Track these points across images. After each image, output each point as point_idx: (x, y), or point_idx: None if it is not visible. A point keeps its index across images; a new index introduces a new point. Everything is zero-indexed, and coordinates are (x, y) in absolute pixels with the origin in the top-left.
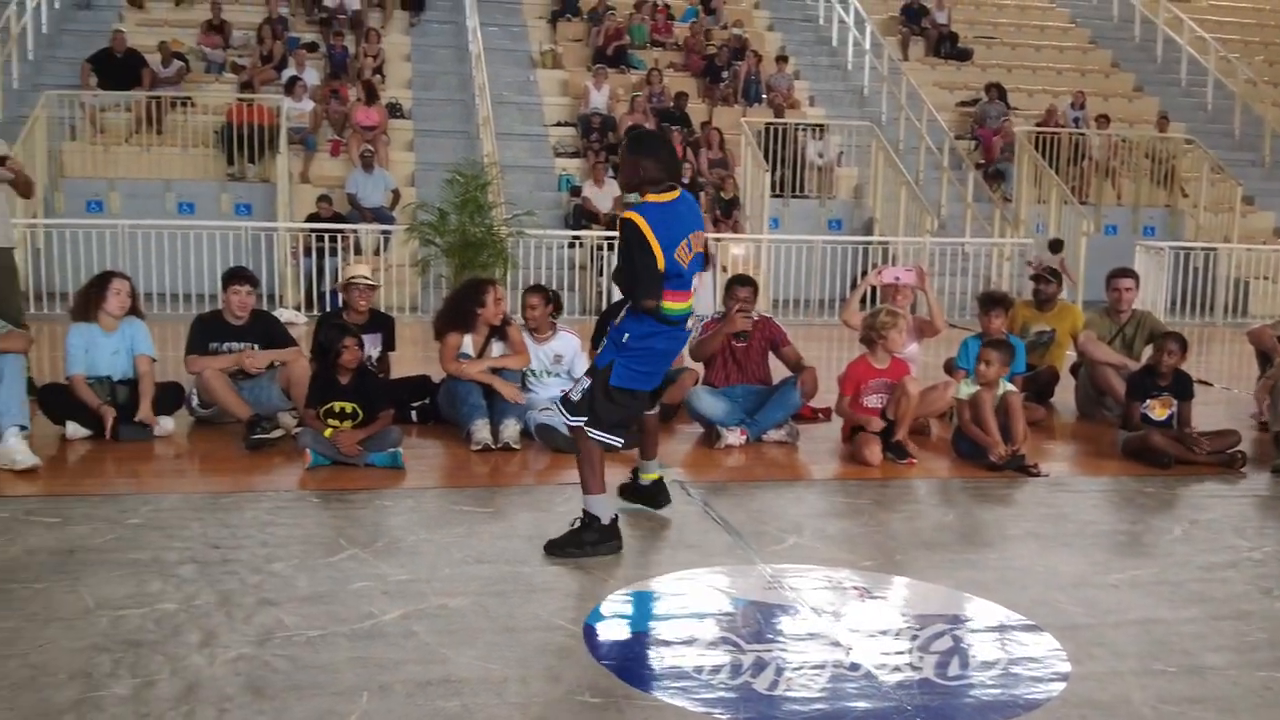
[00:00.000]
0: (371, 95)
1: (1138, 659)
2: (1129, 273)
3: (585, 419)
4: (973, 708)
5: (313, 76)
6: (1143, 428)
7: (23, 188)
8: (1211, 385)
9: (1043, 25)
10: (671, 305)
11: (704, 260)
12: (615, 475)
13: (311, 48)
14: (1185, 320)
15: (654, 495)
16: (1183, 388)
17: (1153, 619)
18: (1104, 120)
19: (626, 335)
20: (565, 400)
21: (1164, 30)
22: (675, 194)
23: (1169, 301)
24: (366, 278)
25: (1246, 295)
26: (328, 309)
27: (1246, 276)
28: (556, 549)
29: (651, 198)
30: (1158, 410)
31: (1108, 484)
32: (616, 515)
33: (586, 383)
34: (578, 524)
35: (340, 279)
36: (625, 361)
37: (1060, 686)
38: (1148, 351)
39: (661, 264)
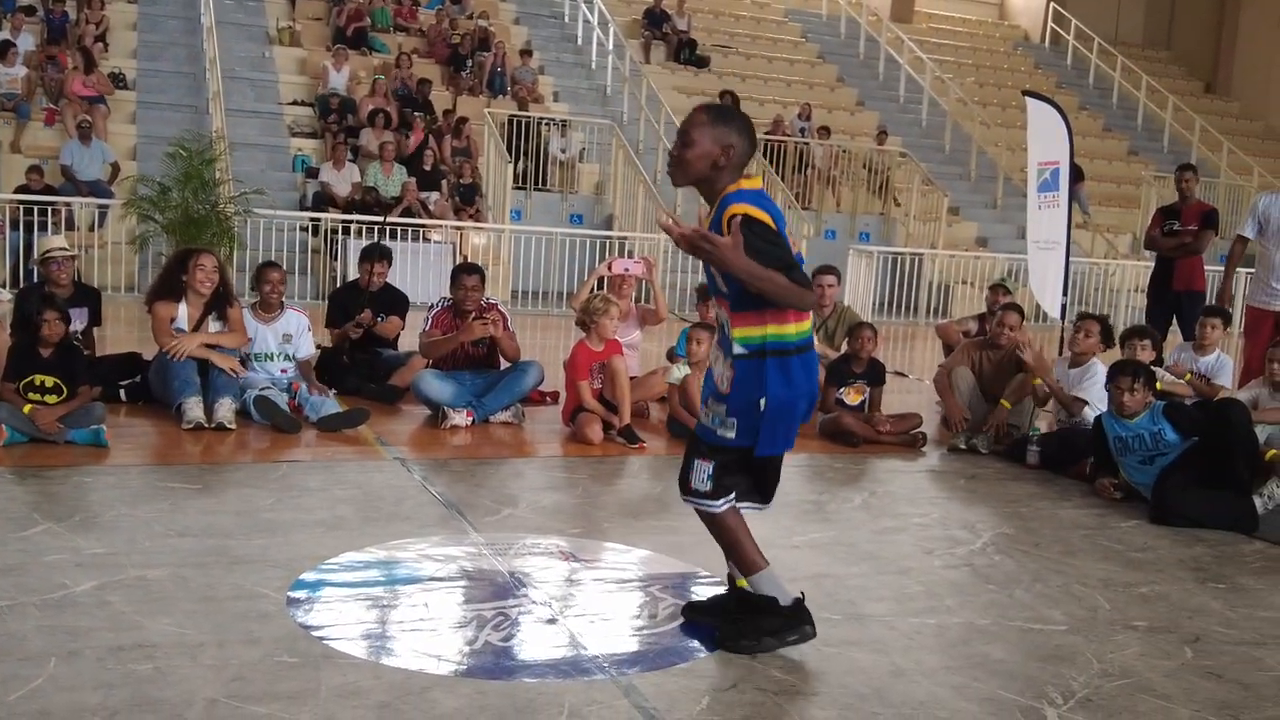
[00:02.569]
0: (90, 64)
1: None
2: (831, 269)
3: (729, 496)
4: (654, 652)
5: (28, 42)
6: (838, 411)
7: None
8: (906, 376)
9: (776, 39)
10: (796, 327)
11: None
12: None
13: (29, 11)
14: (892, 320)
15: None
16: (875, 375)
17: (825, 574)
18: (826, 131)
19: (764, 400)
20: (692, 492)
21: (886, 49)
22: (760, 182)
23: (878, 302)
24: (65, 248)
25: (948, 298)
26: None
27: (949, 281)
28: (733, 644)
29: (747, 184)
30: (851, 396)
31: (803, 460)
32: (801, 594)
33: (709, 467)
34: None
35: (37, 253)
36: (772, 425)
37: None
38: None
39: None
